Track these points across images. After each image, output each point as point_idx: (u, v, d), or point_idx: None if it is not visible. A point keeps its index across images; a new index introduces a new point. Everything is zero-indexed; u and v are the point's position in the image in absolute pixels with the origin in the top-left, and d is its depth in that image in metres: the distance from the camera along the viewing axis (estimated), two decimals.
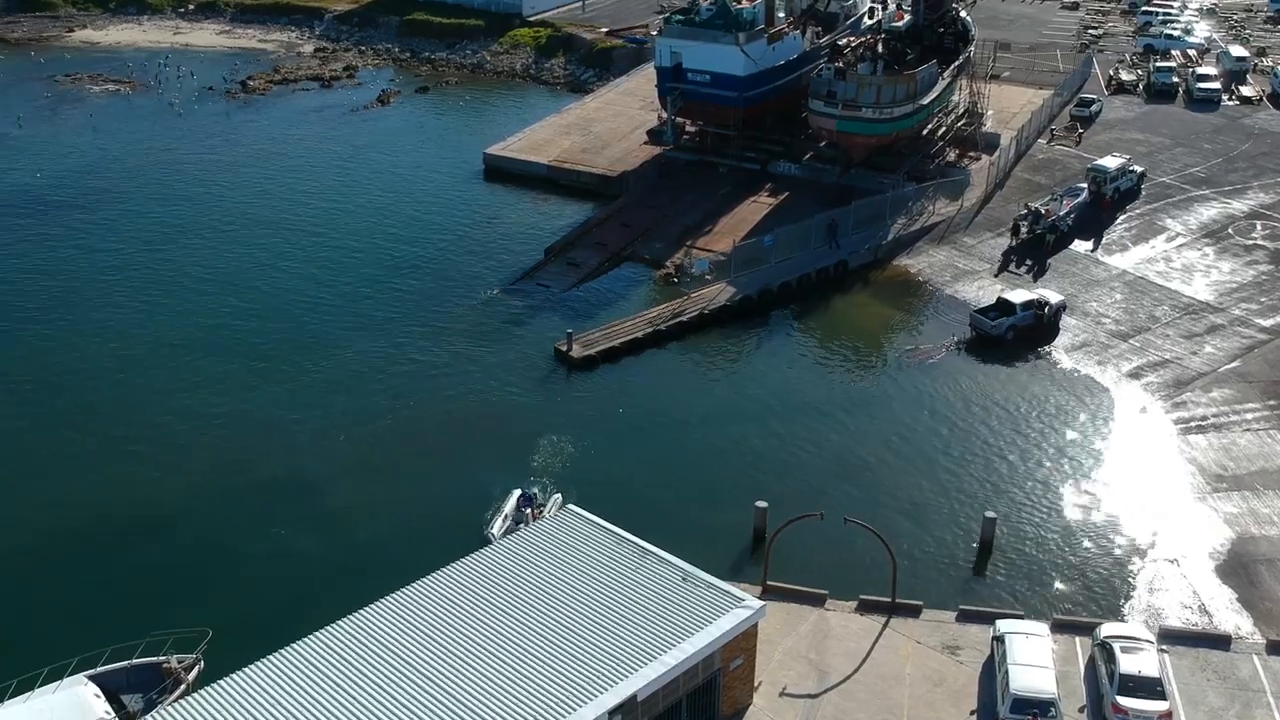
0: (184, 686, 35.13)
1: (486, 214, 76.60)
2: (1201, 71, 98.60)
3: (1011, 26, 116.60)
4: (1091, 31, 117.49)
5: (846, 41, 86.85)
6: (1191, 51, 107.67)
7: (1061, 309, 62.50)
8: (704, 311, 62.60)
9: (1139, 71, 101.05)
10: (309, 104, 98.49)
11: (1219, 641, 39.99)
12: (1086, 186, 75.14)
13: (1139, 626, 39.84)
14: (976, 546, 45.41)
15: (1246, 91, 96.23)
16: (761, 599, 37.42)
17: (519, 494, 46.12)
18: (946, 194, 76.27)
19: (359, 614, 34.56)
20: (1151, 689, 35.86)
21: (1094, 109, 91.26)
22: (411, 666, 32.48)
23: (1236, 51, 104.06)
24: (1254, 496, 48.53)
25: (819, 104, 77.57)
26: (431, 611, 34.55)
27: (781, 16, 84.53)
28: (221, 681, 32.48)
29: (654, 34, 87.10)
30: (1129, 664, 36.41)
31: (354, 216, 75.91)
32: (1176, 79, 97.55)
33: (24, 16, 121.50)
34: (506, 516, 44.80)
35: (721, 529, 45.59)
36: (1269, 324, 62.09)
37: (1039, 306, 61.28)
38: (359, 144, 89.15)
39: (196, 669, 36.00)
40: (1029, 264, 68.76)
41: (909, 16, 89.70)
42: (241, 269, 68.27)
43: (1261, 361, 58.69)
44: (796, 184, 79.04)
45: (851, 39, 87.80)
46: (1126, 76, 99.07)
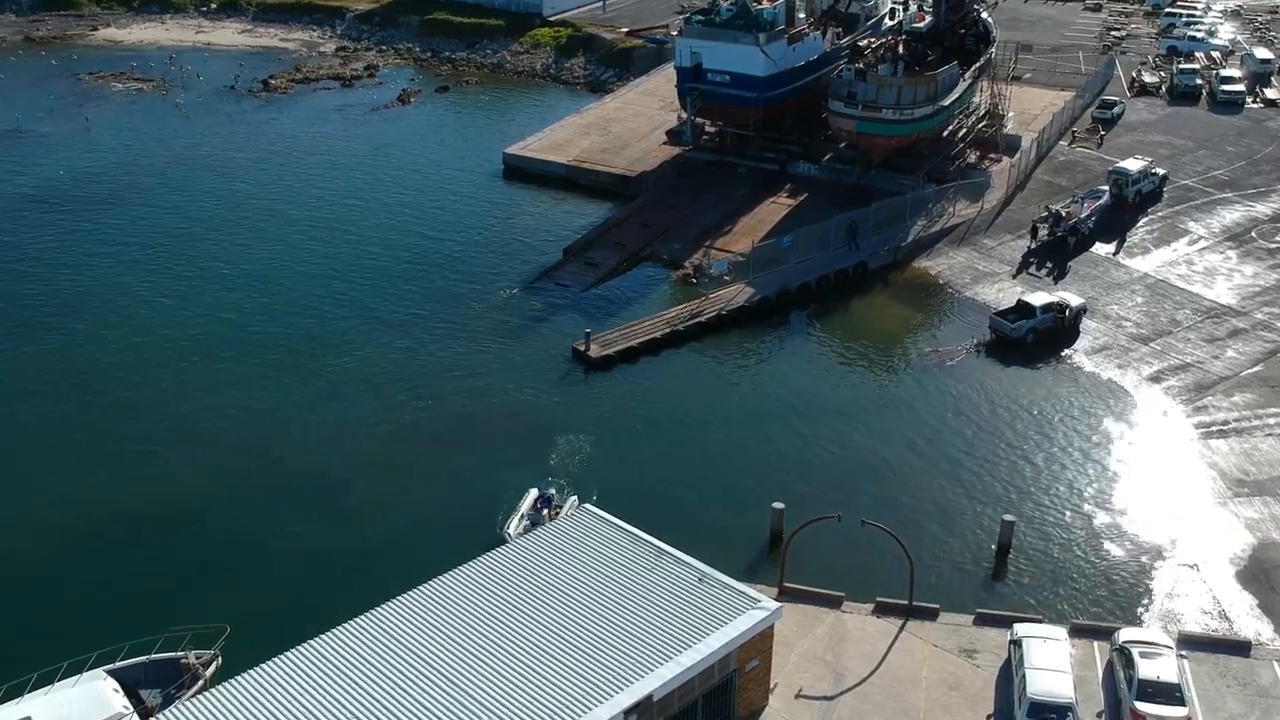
0: (202, 682, 35.28)
1: (505, 213, 76.75)
2: (1225, 74, 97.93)
3: (1033, 28, 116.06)
4: (1114, 33, 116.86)
5: (867, 42, 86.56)
6: (1215, 54, 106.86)
7: (1082, 312, 62.20)
8: (722, 312, 62.55)
9: (1162, 73, 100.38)
10: (330, 103, 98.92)
11: (1239, 648, 39.69)
12: (1108, 189, 74.75)
13: (1158, 632, 39.53)
14: (994, 549, 45.24)
15: (1271, 94, 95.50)
16: (778, 600, 37.34)
17: (535, 493, 46.20)
18: (967, 196, 76.00)
19: (375, 611, 34.68)
20: (1170, 695, 35.61)
21: (1116, 111, 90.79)
22: (427, 664, 32.56)
23: (1261, 54, 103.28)
24: (1275, 502, 48.15)
25: (839, 105, 77.40)
26: (448, 610, 34.62)
27: (802, 17, 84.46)
28: (239, 677, 32.66)
29: (674, 34, 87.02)
30: (1148, 669, 36.18)
31: (374, 215, 76.25)
32: (1200, 81, 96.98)
33: (49, 15, 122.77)
34: (523, 516, 44.87)
35: (738, 530, 45.55)
36: None
37: (1059, 309, 60.98)
38: (379, 143, 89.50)
39: (214, 665, 36.12)
40: (1049, 266, 68.46)
41: (930, 18, 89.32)
42: (262, 266, 68.66)
43: None
44: (816, 185, 78.90)
45: (872, 40, 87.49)
46: (1149, 78, 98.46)
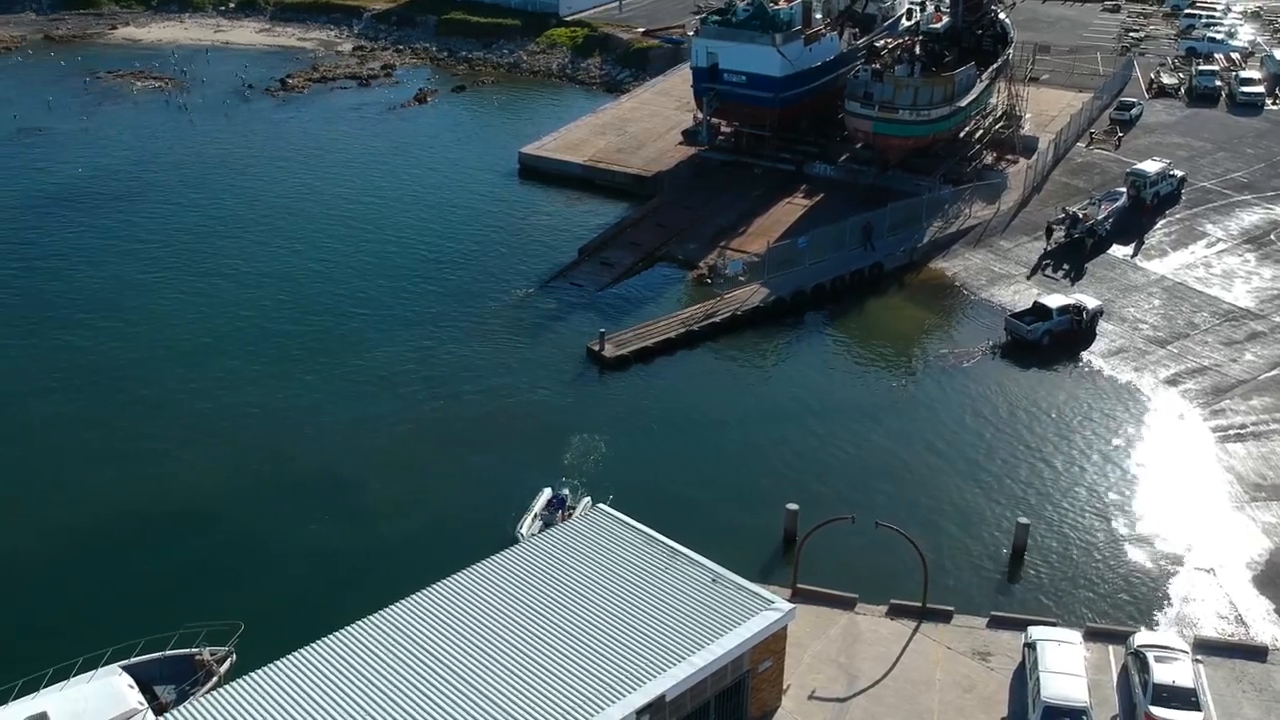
0: (216, 679, 35.43)
1: (521, 213, 76.82)
2: (1245, 75, 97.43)
3: (1051, 29, 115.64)
4: (1133, 34, 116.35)
5: (884, 43, 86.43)
6: (1235, 55, 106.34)
7: (1098, 314, 61.92)
8: (737, 313, 62.49)
9: (1181, 75, 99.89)
10: (347, 102, 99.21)
11: (1255, 653, 39.44)
12: (1126, 191, 74.44)
13: (1174, 636, 39.32)
14: (1009, 552, 45.08)
15: None
16: (791, 602, 37.29)
17: (549, 494, 46.21)
18: (983, 197, 75.76)
19: (389, 610, 34.77)
20: (1186, 700, 35.42)
21: (1134, 112, 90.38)
22: (441, 663, 32.62)
23: None
24: None
25: (855, 105, 77.27)
26: (461, 608, 34.67)
27: (819, 18, 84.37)
28: (253, 674, 32.79)
29: (690, 34, 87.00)
30: (1163, 674, 36.00)
31: (390, 213, 76.43)
32: (1219, 83, 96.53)
33: (68, 14, 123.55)
34: (536, 516, 44.88)
35: (752, 531, 45.49)
36: None
37: (1075, 311, 60.72)
38: (396, 142, 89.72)
39: (229, 661, 36.27)
40: (1066, 268, 68.17)
41: (947, 18, 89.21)
42: (279, 263, 68.91)
43: None
44: (832, 185, 78.76)
45: (889, 40, 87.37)
46: (1168, 80, 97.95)
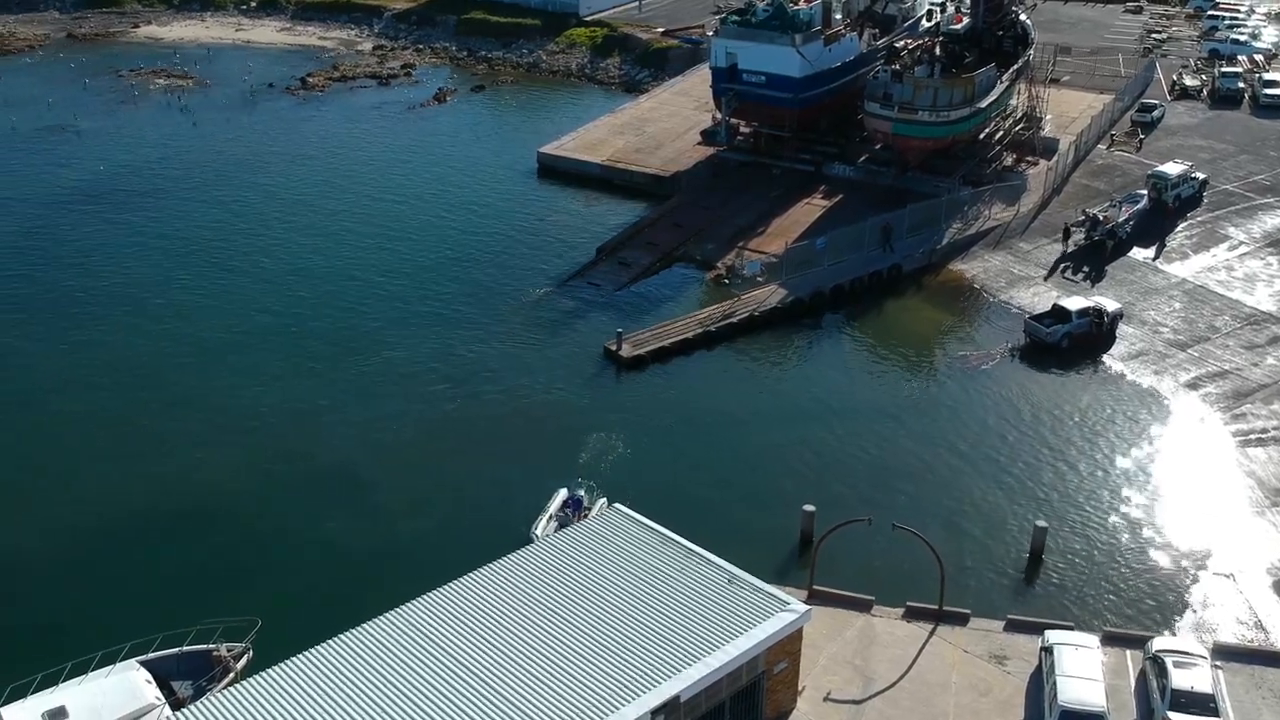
0: (233, 674, 35.63)
1: (539, 212, 76.91)
2: (1269, 77, 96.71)
3: (1073, 30, 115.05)
4: (1155, 36, 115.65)
5: (904, 44, 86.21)
6: (1258, 57, 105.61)
7: (1119, 317, 61.57)
8: (755, 313, 62.41)
9: (1203, 77, 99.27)
10: (367, 101, 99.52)
11: (1275, 659, 39.14)
12: (1146, 193, 74.00)
13: (1192, 641, 39.08)
14: (1027, 555, 44.87)
15: None
16: (807, 603, 37.21)
17: (564, 494, 46.19)
18: (1003, 199, 75.43)
19: (405, 607, 34.84)
20: (1204, 705, 35.22)
21: (1156, 114, 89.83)
22: (456, 661, 32.67)
23: None
24: None
25: (875, 106, 77.09)
26: (477, 607, 34.72)
27: (839, 18, 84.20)
28: (269, 670, 32.90)
29: (710, 34, 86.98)
30: (1181, 679, 35.79)
31: (410, 212, 76.64)
32: (1242, 85, 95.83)
33: (91, 12, 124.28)
34: (552, 516, 44.88)
35: (768, 532, 45.42)
36: None
37: (1095, 314, 60.39)
38: (415, 141, 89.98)
39: (245, 657, 36.45)
40: (1086, 271, 67.84)
41: (968, 19, 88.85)
42: (300, 261, 69.18)
43: None
44: (851, 186, 78.58)
45: (909, 41, 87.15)
46: (1190, 82, 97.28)
